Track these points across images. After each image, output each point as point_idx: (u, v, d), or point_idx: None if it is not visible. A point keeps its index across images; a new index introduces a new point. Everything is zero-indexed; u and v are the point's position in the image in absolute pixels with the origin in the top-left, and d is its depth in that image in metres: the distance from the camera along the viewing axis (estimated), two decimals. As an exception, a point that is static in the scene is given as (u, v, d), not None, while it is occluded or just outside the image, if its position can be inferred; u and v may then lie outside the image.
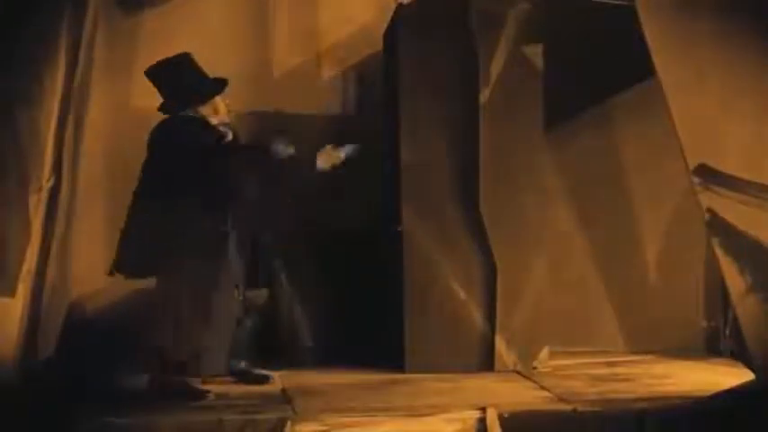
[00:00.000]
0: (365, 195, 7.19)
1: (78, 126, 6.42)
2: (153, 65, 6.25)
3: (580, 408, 5.73)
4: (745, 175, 5.69)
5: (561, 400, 5.93)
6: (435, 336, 6.73)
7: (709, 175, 5.70)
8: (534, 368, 6.76)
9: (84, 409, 5.65)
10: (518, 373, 6.68)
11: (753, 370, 5.84)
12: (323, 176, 6.26)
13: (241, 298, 6.24)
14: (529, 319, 6.80)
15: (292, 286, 6.64)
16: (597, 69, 7.19)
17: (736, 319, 6.04)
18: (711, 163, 5.71)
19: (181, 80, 6.22)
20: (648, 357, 7.13)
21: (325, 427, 5.51)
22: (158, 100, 6.26)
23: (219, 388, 6.23)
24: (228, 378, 6.41)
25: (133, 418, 5.55)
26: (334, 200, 7.03)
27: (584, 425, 5.62)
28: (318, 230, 7.16)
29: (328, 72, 7.52)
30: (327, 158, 6.17)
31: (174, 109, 6.22)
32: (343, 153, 6.20)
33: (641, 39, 5.78)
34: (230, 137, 6.23)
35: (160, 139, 6.14)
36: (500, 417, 5.55)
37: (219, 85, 6.26)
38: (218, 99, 6.26)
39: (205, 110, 6.23)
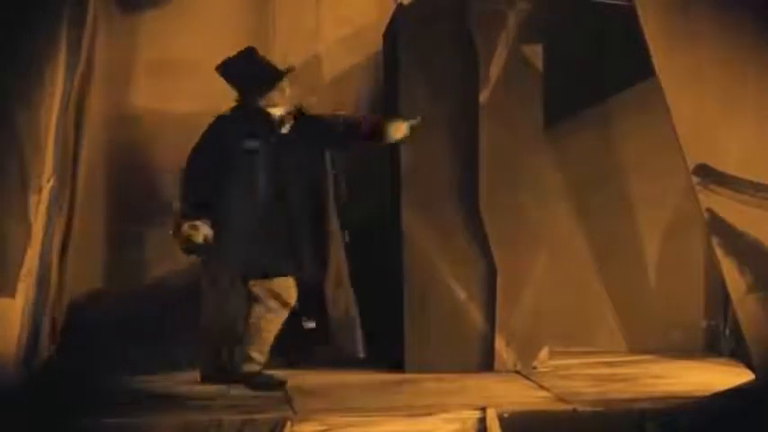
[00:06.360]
0: (365, 195, 7.18)
1: (78, 126, 6.44)
2: (223, 61, 6.31)
3: (580, 408, 5.73)
4: (745, 175, 5.69)
5: (561, 400, 5.93)
6: (435, 336, 6.73)
7: (709, 175, 5.70)
8: (534, 368, 6.76)
9: (84, 409, 5.65)
10: (518, 373, 6.68)
11: (753, 370, 5.84)
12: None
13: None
14: (529, 319, 6.79)
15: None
16: (597, 69, 7.20)
17: (736, 319, 6.04)
18: (711, 163, 5.70)
19: (247, 71, 6.30)
20: (648, 357, 7.12)
21: (325, 427, 5.51)
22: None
23: (219, 388, 6.24)
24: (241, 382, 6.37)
25: (133, 418, 5.55)
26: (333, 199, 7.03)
27: (584, 425, 5.62)
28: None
29: (328, 73, 7.53)
30: (398, 130, 6.34)
31: (244, 98, 6.29)
32: (407, 126, 6.37)
33: (641, 38, 5.79)
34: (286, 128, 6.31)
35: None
36: (500, 417, 5.55)
37: (281, 72, 6.33)
38: (285, 85, 6.33)
39: (273, 97, 6.29)
